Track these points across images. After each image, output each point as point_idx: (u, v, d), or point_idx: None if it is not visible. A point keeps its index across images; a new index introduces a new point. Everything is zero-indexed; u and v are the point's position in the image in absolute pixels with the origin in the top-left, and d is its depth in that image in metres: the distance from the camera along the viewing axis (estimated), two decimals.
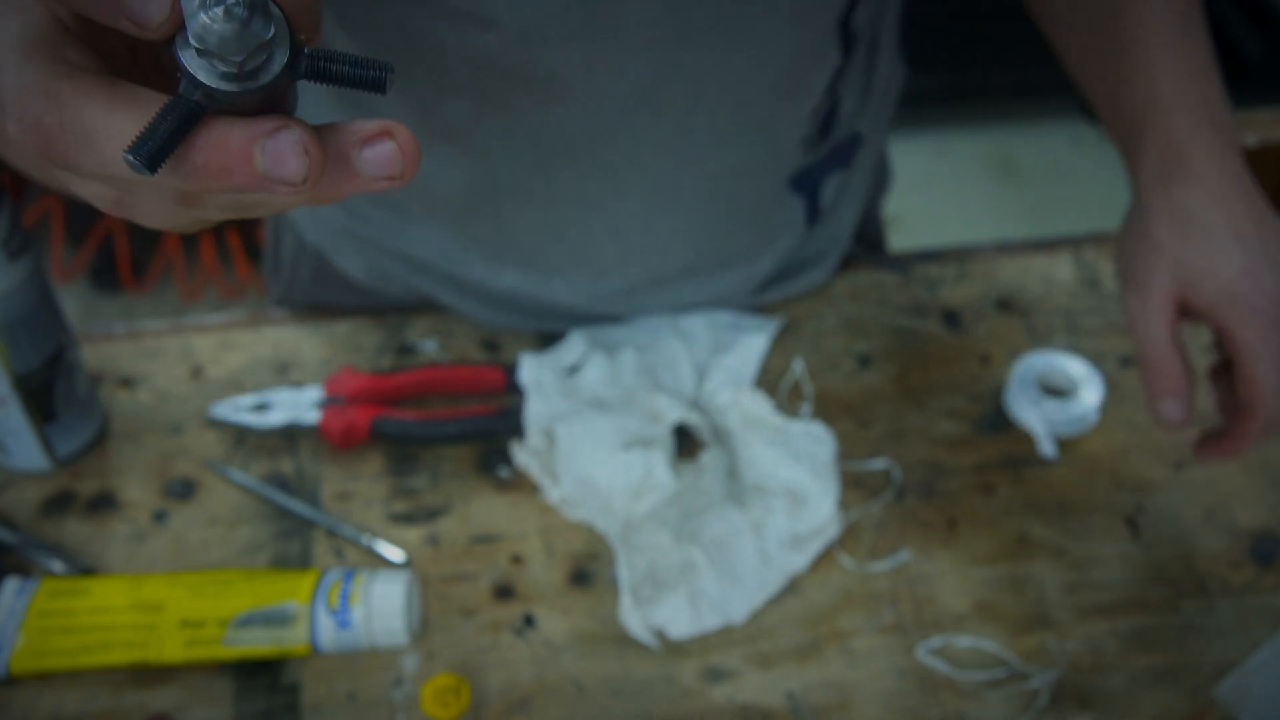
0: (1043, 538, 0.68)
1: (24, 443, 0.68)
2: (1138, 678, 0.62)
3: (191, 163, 0.28)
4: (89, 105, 0.29)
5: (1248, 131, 1.00)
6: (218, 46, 0.27)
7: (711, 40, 0.60)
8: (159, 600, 0.62)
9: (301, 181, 0.28)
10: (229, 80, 0.27)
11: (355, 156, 0.30)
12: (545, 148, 0.65)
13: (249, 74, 0.28)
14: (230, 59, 0.27)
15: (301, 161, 0.28)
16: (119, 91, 0.29)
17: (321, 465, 0.71)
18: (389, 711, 0.60)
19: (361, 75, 0.29)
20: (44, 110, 0.29)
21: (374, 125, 0.30)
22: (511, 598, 0.65)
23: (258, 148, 0.28)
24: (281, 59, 0.28)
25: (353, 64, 0.29)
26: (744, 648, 0.63)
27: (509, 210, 0.70)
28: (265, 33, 0.27)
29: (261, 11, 0.27)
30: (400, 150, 0.30)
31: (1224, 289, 0.57)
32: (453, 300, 0.77)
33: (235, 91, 0.28)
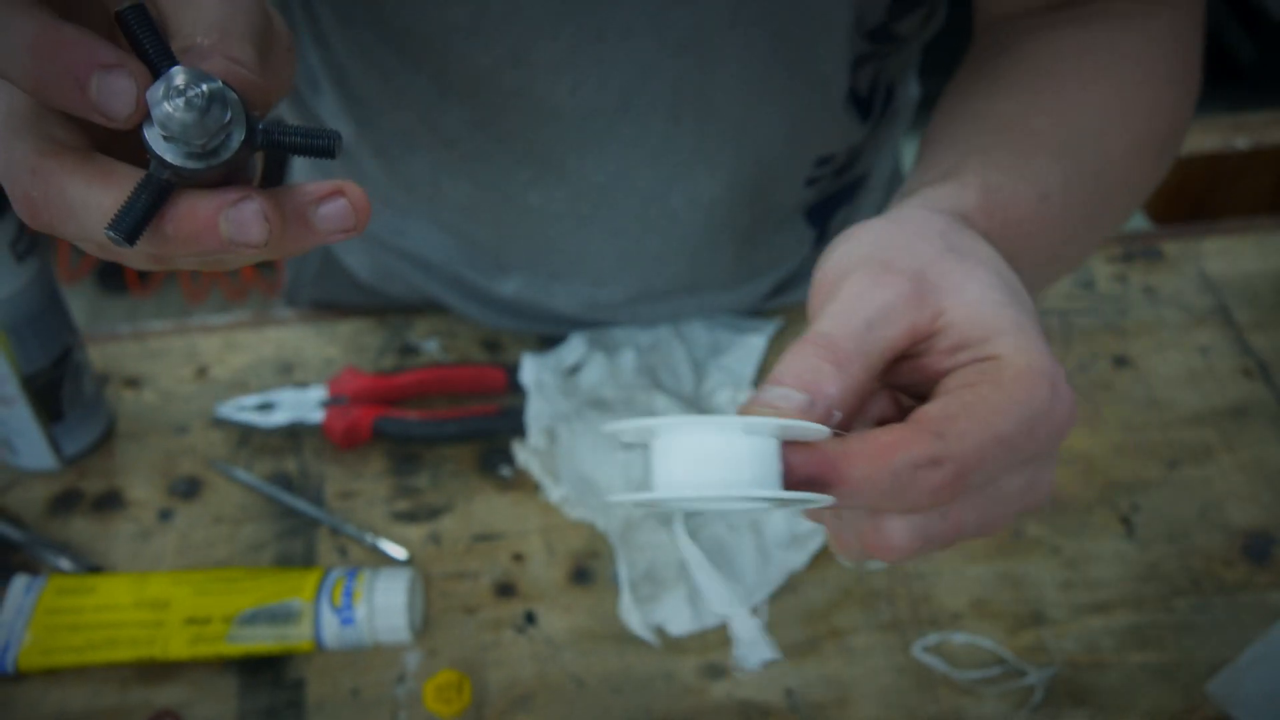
0: (1038, 536, 0.68)
1: (31, 442, 0.69)
2: (1132, 674, 0.63)
3: (164, 233, 0.32)
4: (71, 182, 0.31)
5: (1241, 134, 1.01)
6: (180, 133, 0.30)
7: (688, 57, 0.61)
8: (164, 598, 0.63)
9: (263, 244, 0.32)
10: (193, 159, 0.31)
11: (311, 214, 0.33)
12: (540, 162, 0.66)
13: (211, 152, 0.31)
14: (193, 143, 0.30)
15: (263, 227, 0.31)
16: (98, 168, 0.32)
17: (325, 464, 0.72)
18: (392, 708, 0.61)
19: (311, 144, 0.32)
20: (30, 185, 0.32)
21: (327, 185, 0.33)
22: (513, 596, 0.66)
23: (222, 217, 0.31)
24: (239, 136, 0.31)
25: (304, 135, 0.32)
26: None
27: (509, 219, 0.71)
28: (223, 117, 0.31)
29: (219, 100, 0.30)
30: (351, 206, 0.33)
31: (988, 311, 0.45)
32: (456, 302, 0.78)
33: (200, 168, 0.31)
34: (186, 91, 0.30)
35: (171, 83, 0.30)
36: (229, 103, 0.31)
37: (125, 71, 0.30)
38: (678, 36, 0.60)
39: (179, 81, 0.30)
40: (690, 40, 0.60)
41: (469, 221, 0.72)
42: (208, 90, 0.30)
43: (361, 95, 0.68)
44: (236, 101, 0.31)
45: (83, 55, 0.29)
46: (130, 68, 0.30)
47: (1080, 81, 0.54)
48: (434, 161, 0.69)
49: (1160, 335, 0.79)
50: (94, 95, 0.29)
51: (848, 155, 0.72)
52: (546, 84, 0.61)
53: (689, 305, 0.77)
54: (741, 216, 0.71)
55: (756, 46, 0.61)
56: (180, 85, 0.30)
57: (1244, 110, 1.08)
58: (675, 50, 0.61)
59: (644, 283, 0.75)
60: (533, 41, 0.59)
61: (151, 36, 0.31)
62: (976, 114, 0.53)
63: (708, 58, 0.61)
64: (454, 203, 0.72)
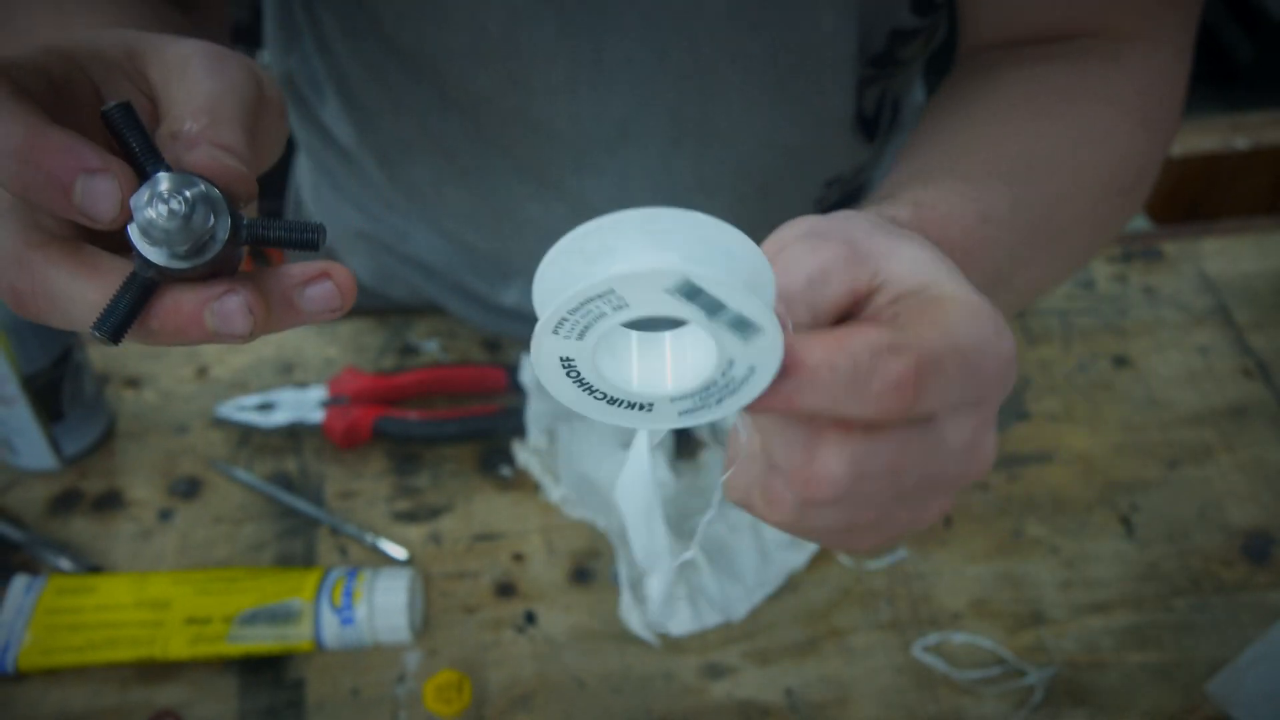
0: (1038, 536, 0.68)
1: (32, 442, 0.69)
2: (1132, 674, 0.63)
3: (148, 328, 0.32)
4: (56, 274, 0.32)
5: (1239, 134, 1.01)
6: (164, 239, 0.30)
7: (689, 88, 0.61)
8: (165, 598, 0.63)
9: (248, 335, 0.32)
10: (178, 259, 0.31)
11: (298, 296, 0.33)
12: (539, 179, 0.67)
13: (196, 252, 0.31)
14: (177, 246, 0.30)
15: (247, 320, 0.32)
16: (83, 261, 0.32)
17: (325, 464, 0.72)
18: (392, 708, 0.61)
19: (295, 238, 0.33)
20: (16, 276, 0.32)
21: (313, 268, 0.33)
22: (513, 595, 0.66)
23: (207, 311, 0.32)
24: (223, 234, 0.31)
25: (288, 229, 0.33)
26: (743, 645, 0.64)
27: (508, 229, 0.71)
28: (206, 222, 0.31)
29: (203, 204, 0.30)
30: (338, 288, 0.33)
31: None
32: (457, 308, 0.78)
33: (185, 268, 0.31)
34: (170, 200, 0.30)
35: (156, 189, 0.30)
36: (213, 203, 0.31)
37: (109, 175, 0.30)
38: (678, 66, 0.60)
39: (163, 188, 0.30)
40: (690, 70, 0.60)
41: (469, 229, 0.73)
42: (191, 196, 0.30)
43: (364, 102, 0.68)
44: (221, 200, 0.31)
45: (67, 160, 0.30)
46: (114, 170, 0.30)
47: (1049, 115, 0.54)
48: (434, 170, 0.69)
49: (1160, 335, 0.79)
50: (78, 199, 0.30)
51: (855, 173, 0.72)
52: (545, 107, 0.62)
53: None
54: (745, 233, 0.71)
55: (758, 77, 0.61)
56: (164, 192, 0.30)
57: (1242, 110, 1.08)
58: (675, 79, 0.61)
59: None
60: (531, 67, 0.60)
61: (137, 134, 0.31)
62: (939, 141, 0.53)
63: (708, 88, 0.62)
64: (454, 210, 0.72)
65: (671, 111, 0.62)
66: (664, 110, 0.62)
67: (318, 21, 0.66)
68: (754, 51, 0.60)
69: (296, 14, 0.69)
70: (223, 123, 0.33)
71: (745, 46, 0.59)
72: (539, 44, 0.58)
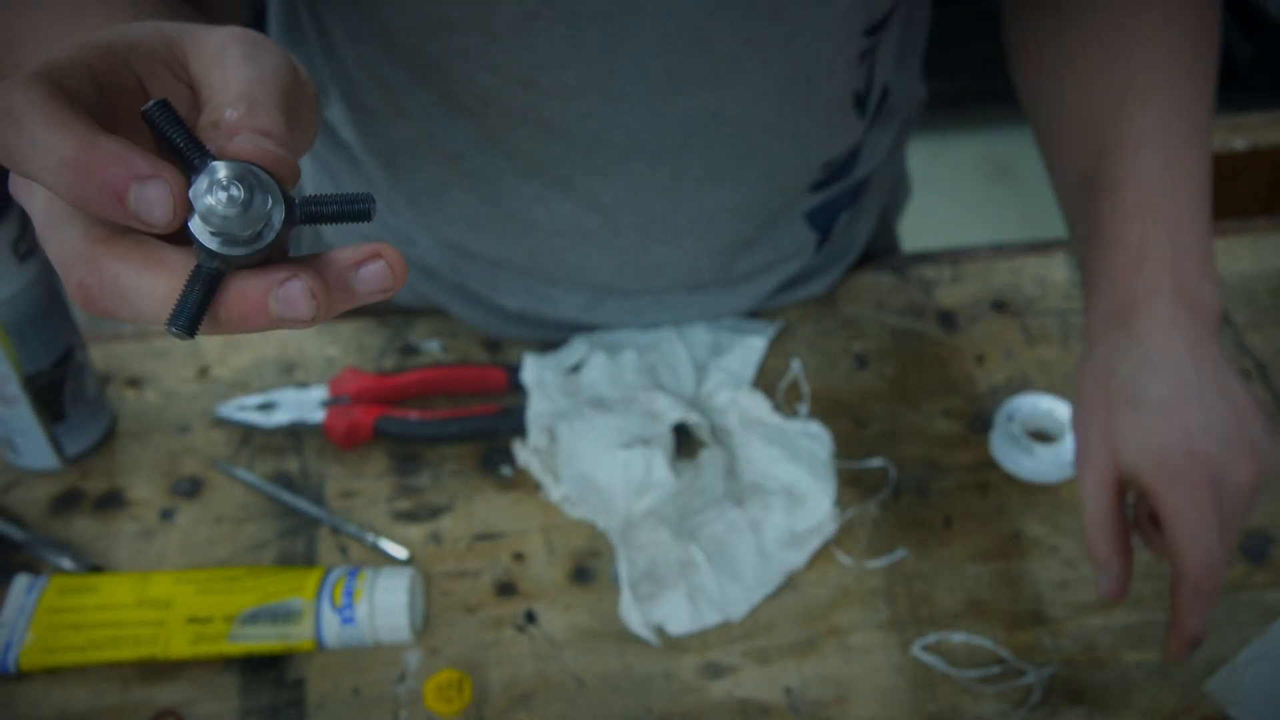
0: (1036, 535, 0.69)
1: (33, 442, 0.69)
2: (1130, 673, 0.63)
3: (217, 318, 0.32)
4: (124, 269, 0.32)
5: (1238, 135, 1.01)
6: (224, 227, 0.31)
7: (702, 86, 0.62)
8: (166, 597, 0.63)
9: (312, 319, 0.32)
10: (239, 246, 0.31)
11: (352, 278, 0.33)
12: (544, 182, 0.67)
13: (255, 237, 0.32)
14: (238, 233, 0.31)
15: (310, 305, 0.32)
16: (150, 255, 0.32)
17: (326, 464, 0.72)
18: (393, 707, 0.61)
19: (348, 211, 0.33)
20: (85, 273, 0.32)
21: (365, 249, 0.33)
22: (513, 594, 0.66)
23: (272, 297, 0.32)
24: (279, 217, 0.32)
25: (339, 202, 0.33)
26: (743, 644, 0.64)
27: (512, 232, 0.71)
28: (265, 205, 0.31)
29: (260, 189, 0.31)
30: (390, 267, 0.34)
31: (1150, 456, 0.54)
32: (460, 311, 0.78)
33: (246, 254, 0.32)
34: (230, 188, 0.30)
35: (214, 177, 0.31)
36: (268, 187, 0.31)
37: (161, 181, 0.30)
38: (693, 72, 0.60)
39: (220, 176, 0.31)
40: (704, 77, 0.61)
41: (472, 232, 0.73)
42: (249, 181, 0.31)
43: (368, 105, 0.68)
44: (273, 184, 0.32)
45: (119, 169, 0.30)
46: (165, 176, 0.30)
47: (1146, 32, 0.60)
48: (438, 173, 0.69)
49: None
50: (133, 207, 0.30)
51: (847, 153, 0.73)
52: (555, 108, 0.62)
53: (691, 307, 0.77)
54: (745, 226, 0.72)
55: (770, 73, 0.62)
56: (222, 180, 0.30)
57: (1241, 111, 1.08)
58: (690, 84, 0.61)
59: (646, 288, 0.75)
60: (541, 70, 0.59)
61: (179, 130, 0.31)
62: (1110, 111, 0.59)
63: (721, 91, 0.62)
64: (458, 213, 0.72)
65: (684, 116, 0.63)
66: (676, 117, 0.63)
67: (323, 25, 0.66)
68: (771, 39, 0.60)
69: (301, 17, 0.69)
70: (261, 108, 0.33)
71: (762, 35, 0.59)
72: (550, 50, 0.58)
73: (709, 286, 0.76)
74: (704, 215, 0.70)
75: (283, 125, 0.33)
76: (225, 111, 0.33)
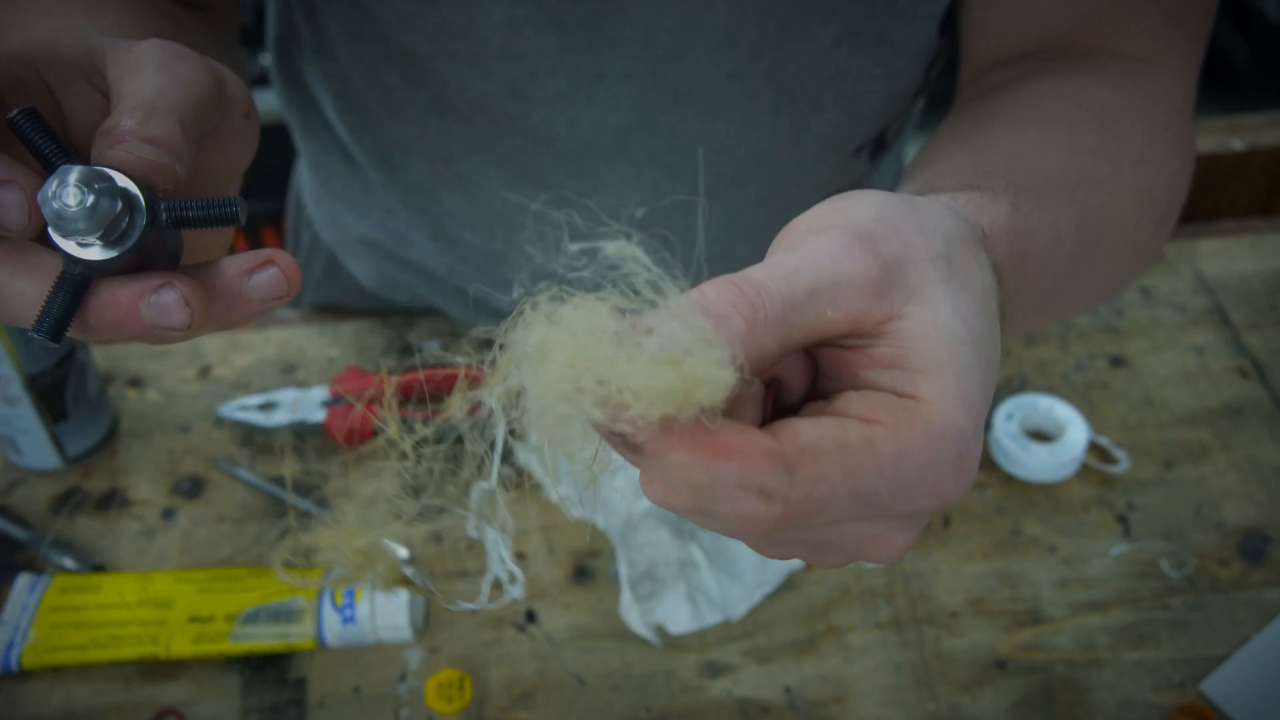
0: (1035, 535, 0.69)
1: (36, 441, 0.69)
2: (1128, 672, 0.63)
3: (87, 323, 0.32)
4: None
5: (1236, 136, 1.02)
6: (74, 228, 0.31)
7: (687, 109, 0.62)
8: (168, 596, 0.63)
9: (186, 327, 0.32)
10: (99, 250, 0.31)
11: (244, 285, 0.33)
12: (535, 186, 0.67)
13: (116, 240, 0.32)
14: (89, 235, 0.31)
15: (184, 313, 0.32)
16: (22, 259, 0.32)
17: (327, 464, 0.72)
18: (394, 705, 0.62)
19: (215, 214, 0.33)
20: None
21: (256, 256, 0.34)
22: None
23: (143, 304, 0.32)
24: (141, 219, 0.32)
25: (204, 206, 0.33)
26: (742, 643, 0.64)
27: (502, 233, 0.72)
28: (114, 206, 0.31)
29: (106, 192, 0.31)
30: (283, 273, 0.34)
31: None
32: (458, 312, 0.78)
33: (109, 259, 0.31)
34: (71, 189, 0.30)
35: (62, 179, 0.31)
36: (121, 192, 0.31)
37: (14, 186, 0.30)
38: (676, 85, 0.61)
39: (69, 179, 0.31)
40: (689, 93, 0.61)
41: (466, 231, 0.73)
42: (95, 185, 0.31)
43: (363, 106, 0.68)
44: (133, 189, 0.31)
45: None
46: (20, 181, 0.30)
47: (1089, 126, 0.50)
48: (431, 173, 0.70)
49: (1156, 335, 0.80)
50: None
51: (853, 186, 0.73)
52: (544, 116, 0.62)
53: None
54: (740, 242, 0.72)
55: (756, 97, 0.62)
56: (70, 183, 0.31)
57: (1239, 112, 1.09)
58: (674, 98, 0.61)
59: None
60: (531, 77, 0.60)
61: (45, 137, 0.32)
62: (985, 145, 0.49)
63: (707, 111, 0.62)
64: (451, 213, 0.72)
65: (670, 127, 0.63)
66: (662, 125, 0.63)
67: (320, 26, 0.67)
68: (753, 71, 0.60)
69: (298, 18, 0.69)
70: (155, 116, 0.33)
71: (744, 65, 0.60)
72: (539, 56, 0.59)
73: None
74: (695, 229, 0.70)
75: (177, 133, 0.33)
76: (122, 120, 0.33)
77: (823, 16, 0.59)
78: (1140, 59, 0.56)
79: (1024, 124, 0.51)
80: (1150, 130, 0.52)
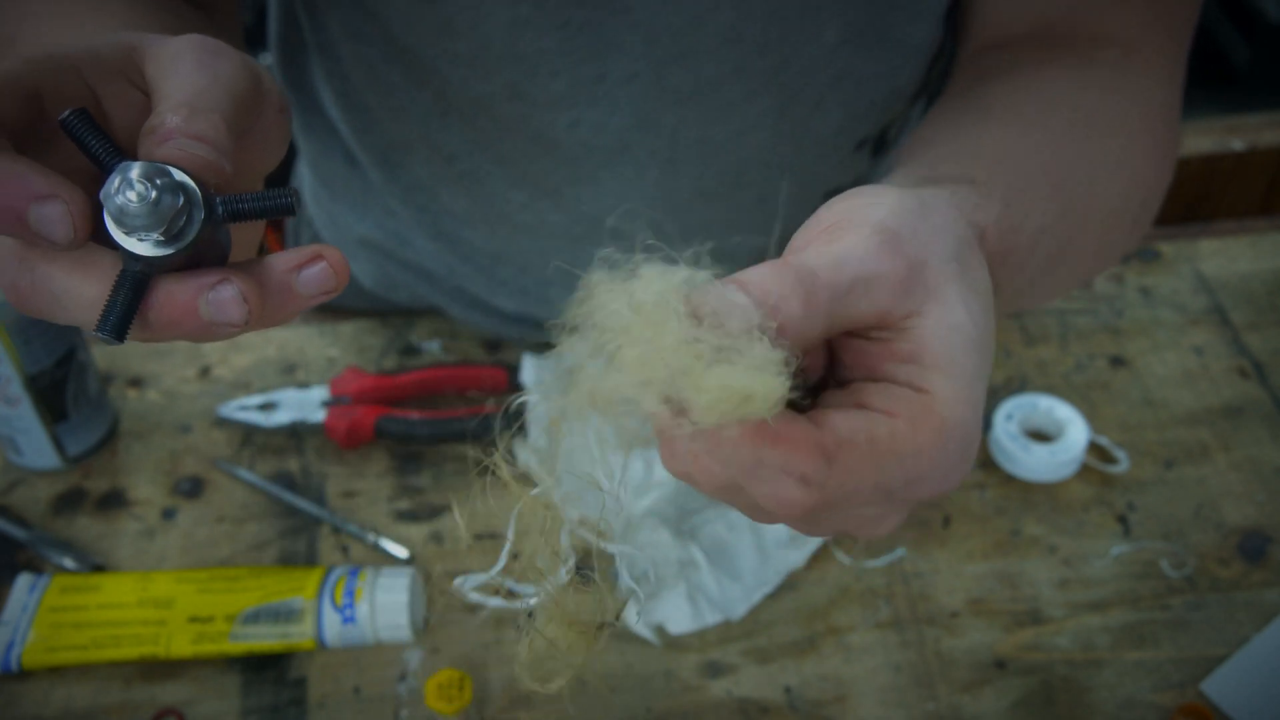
0: (1035, 534, 0.69)
1: (36, 441, 0.69)
2: (1128, 672, 0.63)
3: (147, 321, 0.33)
4: (55, 271, 0.33)
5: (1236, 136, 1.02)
6: (137, 225, 0.31)
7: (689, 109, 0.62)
8: (168, 596, 0.63)
9: (244, 323, 0.32)
10: (159, 246, 0.32)
11: (294, 280, 0.34)
12: (535, 187, 0.67)
13: (174, 237, 0.32)
14: (152, 232, 0.31)
15: (242, 309, 0.32)
16: (80, 258, 0.33)
17: (327, 464, 0.72)
18: (394, 706, 0.62)
19: (271, 206, 0.33)
20: (17, 274, 0.33)
21: (306, 251, 0.34)
22: (513, 594, 0.66)
23: (202, 300, 0.32)
24: (199, 215, 0.32)
25: (261, 199, 0.33)
26: (742, 643, 0.64)
27: (503, 233, 0.72)
28: (176, 203, 0.31)
29: (169, 188, 0.31)
30: (331, 268, 0.34)
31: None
32: (458, 312, 0.78)
33: (168, 255, 0.32)
34: (137, 186, 0.31)
35: (125, 176, 0.31)
36: (182, 188, 0.31)
37: (58, 200, 0.30)
38: (679, 86, 0.61)
39: (131, 174, 0.31)
40: (691, 89, 0.61)
41: (466, 231, 0.73)
42: (158, 181, 0.31)
43: (365, 105, 0.68)
44: (191, 184, 0.32)
45: (16, 190, 0.30)
46: (63, 195, 0.31)
47: (1074, 124, 0.53)
48: (432, 172, 0.70)
49: (1156, 335, 0.80)
50: (34, 225, 0.31)
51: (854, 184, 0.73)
52: (545, 117, 0.62)
53: None
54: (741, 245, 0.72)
55: (759, 96, 0.62)
56: (132, 179, 0.31)
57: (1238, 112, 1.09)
58: (676, 98, 0.61)
59: None
60: (532, 78, 0.60)
61: (96, 137, 0.32)
62: (978, 138, 0.51)
63: (709, 106, 0.62)
64: (451, 212, 0.72)
65: (671, 128, 0.63)
66: (664, 127, 0.63)
67: (322, 25, 0.67)
68: (756, 70, 0.60)
69: (300, 17, 0.69)
70: (200, 115, 0.33)
71: (747, 65, 0.60)
72: (541, 57, 0.59)
73: None
74: (698, 228, 0.70)
75: (222, 131, 0.33)
76: (166, 118, 0.33)
77: (827, 15, 0.59)
78: (1128, 48, 0.57)
79: (1014, 122, 0.53)
80: (1130, 135, 0.55)
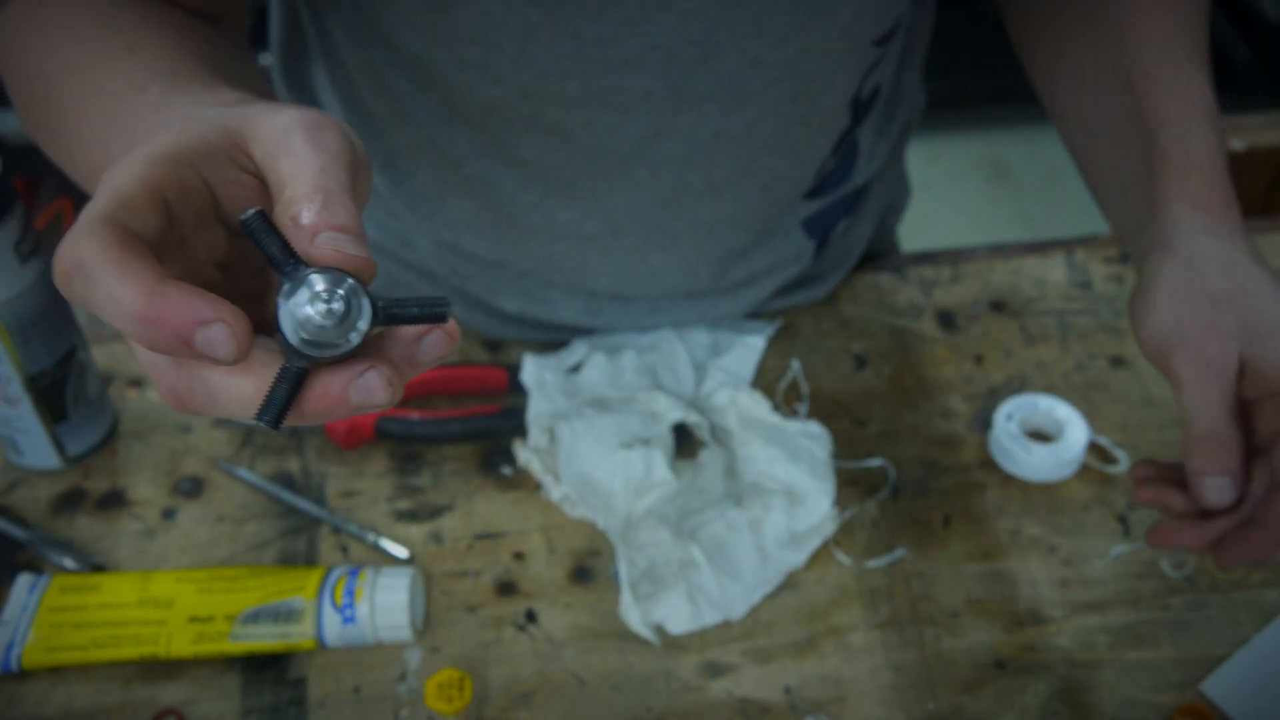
0: (1035, 535, 0.69)
1: (36, 441, 0.69)
2: (1128, 672, 0.63)
3: (301, 410, 0.34)
4: (212, 373, 0.34)
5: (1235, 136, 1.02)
6: (319, 336, 0.32)
7: (707, 107, 0.62)
8: (168, 596, 0.63)
9: (390, 404, 0.34)
10: (327, 349, 0.33)
11: (416, 351, 0.35)
12: (545, 187, 0.67)
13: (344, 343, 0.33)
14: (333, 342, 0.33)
15: (387, 392, 0.34)
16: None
17: (327, 464, 0.72)
18: (394, 706, 0.62)
19: (427, 314, 0.34)
20: (176, 379, 0.34)
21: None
22: (514, 594, 0.66)
23: (351, 389, 0.34)
24: (365, 324, 0.33)
25: (419, 305, 0.34)
26: (742, 643, 0.64)
27: (511, 236, 0.72)
28: (360, 314, 0.33)
29: (355, 299, 0.33)
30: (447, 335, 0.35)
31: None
32: (460, 313, 0.78)
33: (332, 356, 0.33)
34: (330, 301, 0.32)
35: (313, 290, 0.32)
36: (360, 296, 0.33)
37: (223, 325, 0.32)
38: (697, 94, 0.61)
39: (320, 290, 0.32)
40: (711, 91, 0.61)
41: (471, 236, 0.73)
42: (344, 292, 0.32)
43: (369, 111, 0.68)
44: (362, 291, 0.33)
45: (183, 317, 0.31)
46: (227, 319, 0.32)
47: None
48: (438, 178, 0.70)
49: None
50: (201, 348, 0.32)
51: (842, 160, 0.73)
52: (558, 116, 0.62)
53: (688, 313, 0.77)
54: (743, 235, 0.73)
55: (774, 94, 0.62)
56: (322, 293, 0.32)
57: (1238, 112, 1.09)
58: (693, 105, 0.61)
59: (643, 293, 0.75)
60: (544, 82, 0.60)
61: (273, 239, 0.33)
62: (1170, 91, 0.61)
63: (727, 112, 0.62)
64: (456, 218, 0.72)
65: (689, 128, 0.63)
66: (680, 129, 0.63)
67: (324, 29, 0.67)
68: (775, 60, 0.60)
69: (304, 22, 0.69)
70: (335, 201, 0.34)
71: (766, 58, 0.60)
72: (554, 64, 0.59)
73: (706, 293, 0.77)
74: (703, 224, 0.70)
75: (357, 217, 0.34)
76: (302, 209, 0.34)
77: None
78: None
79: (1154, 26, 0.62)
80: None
